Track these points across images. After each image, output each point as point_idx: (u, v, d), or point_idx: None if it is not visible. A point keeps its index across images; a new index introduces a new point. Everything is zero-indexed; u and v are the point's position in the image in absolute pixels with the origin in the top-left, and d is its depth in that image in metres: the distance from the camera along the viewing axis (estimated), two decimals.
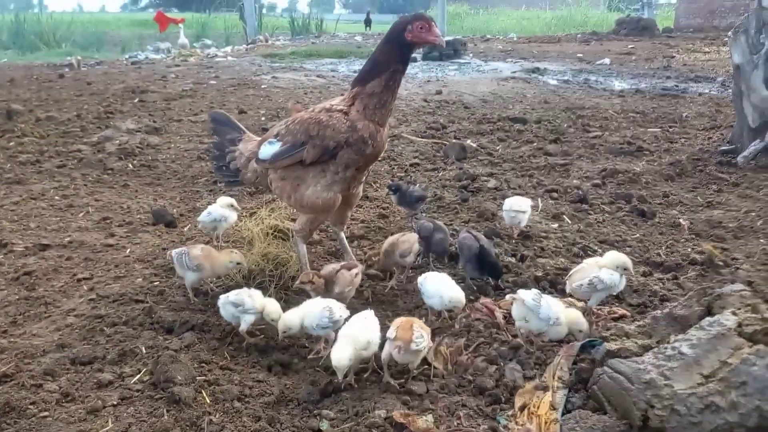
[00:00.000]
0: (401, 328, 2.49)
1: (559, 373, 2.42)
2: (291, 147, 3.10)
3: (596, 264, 2.91)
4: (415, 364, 2.54)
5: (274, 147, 3.17)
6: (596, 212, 4.58)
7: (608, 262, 2.89)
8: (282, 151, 3.13)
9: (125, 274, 3.50)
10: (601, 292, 2.86)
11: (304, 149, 3.05)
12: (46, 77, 12.02)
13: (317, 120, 3.04)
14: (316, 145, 3.02)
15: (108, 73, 12.47)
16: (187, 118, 8.02)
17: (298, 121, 3.13)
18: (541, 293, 2.69)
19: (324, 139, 3.01)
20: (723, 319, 2.13)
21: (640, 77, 12.02)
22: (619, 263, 2.86)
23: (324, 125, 3.01)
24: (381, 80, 2.99)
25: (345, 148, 3.02)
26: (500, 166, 5.91)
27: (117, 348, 2.71)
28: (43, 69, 13.94)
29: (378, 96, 3.01)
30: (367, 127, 3.02)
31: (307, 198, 3.13)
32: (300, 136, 3.07)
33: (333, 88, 10.32)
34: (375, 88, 2.99)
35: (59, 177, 5.50)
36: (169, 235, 4.14)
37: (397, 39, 2.98)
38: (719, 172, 5.47)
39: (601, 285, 2.82)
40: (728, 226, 4.27)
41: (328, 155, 3.05)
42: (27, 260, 3.71)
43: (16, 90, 10.54)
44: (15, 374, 2.55)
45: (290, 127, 3.14)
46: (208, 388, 2.45)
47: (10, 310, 3.12)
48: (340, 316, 2.67)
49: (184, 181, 5.51)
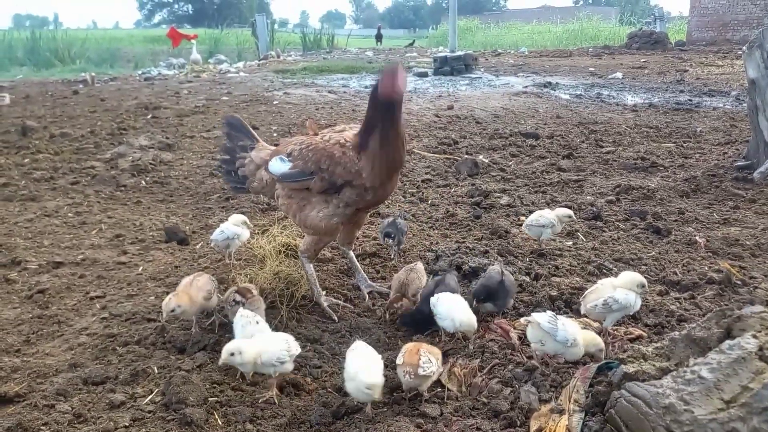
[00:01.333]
0: (408, 354, 2.47)
1: (575, 396, 2.38)
2: (300, 173, 3.10)
3: (611, 284, 2.87)
4: (424, 388, 2.50)
5: (284, 166, 3.17)
6: (611, 229, 4.53)
7: (623, 282, 2.85)
8: (291, 174, 3.14)
9: (138, 293, 3.50)
10: (617, 313, 2.83)
11: (312, 179, 3.06)
12: (61, 93, 12.19)
13: (330, 154, 3.02)
14: (324, 178, 3.03)
15: (121, 89, 12.61)
16: (199, 134, 8.07)
17: (311, 148, 3.10)
18: (556, 315, 2.65)
19: (333, 175, 3.02)
20: (743, 342, 2.08)
21: (652, 91, 11.97)
22: (634, 283, 2.82)
23: (335, 162, 3.00)
24: (377, 140, 2.94)
25: (349, 188, 3.03)
26: (513, 182, 5.88)
27: (129, 368, 2.70)
28: (57, 85, 14.15)
29: (380, 155, 2.96)
30: (370, 179, 3.00)
31: (311, 220, 3.14)
32: (310, 165, 3.06)
33: (344, 103, 10.36)
34: (375, 149, 2.96)
35: (73, 194, 5.55)
36: (181, 253, 4.15)
37: (373, 99, 2.96)
38: (735, 188, 5.41)
39: (616, 305, 2.78)
40: (745, 244, 4.20)
41: (333, 190, 3.06)
42: (40, 278, 3.73)
43: (31, 106, 10.69)
44: (27, 394, 2.54)
45: (303, 152, 3.12)
46: (220, 410, 2.43)
47: (24, 328, 3.13)
48: (296, 350, 2.59)
49: (196, 198, 5.53)
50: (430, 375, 2.45)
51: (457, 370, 2.70)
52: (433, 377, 2.49)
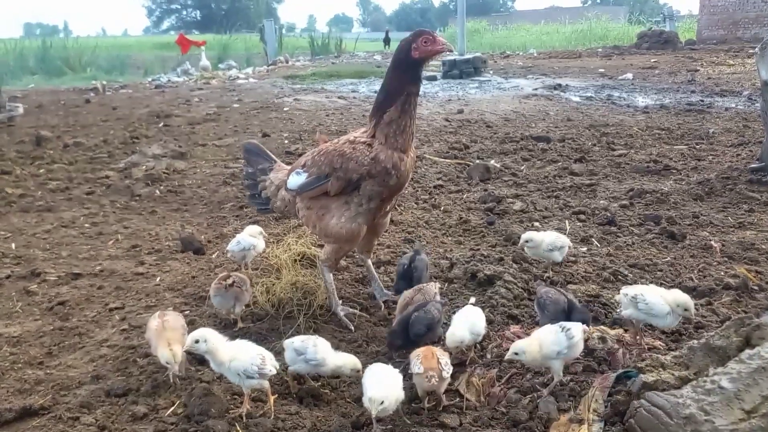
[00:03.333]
0: (425, 359, 2.49)
1: (594, 405, 2.38)
2: (316, 179, 3.13)
3: (657, 291, 2.84)
4: (443, 390, 2.52)
5: (300, 178, 3.22)
6: (625, 234, 4.52)
7: (669, 295, 2.79)
8: (308, 183, 3.17)
9: (156, 303, 3.54)
10: (641, 313, 2.78)
11: (328, 181, 3.08)
12: (73, 102, 12.33)
13: (340, 152, 3.06)
14: (340, 177, 3.05)
15: (132, 97, 12.73)
16: (211, 142, 8.14)
17: (323, 153, 3.16)
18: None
19: (347, 171, 3.03)
20: (763, 351, 2.08)
21: (664, 92, 11.93)
22: (677, 301, 2.75)
23: (347, 158, 3.03)
24: (397, 106, 3.00)
25: (368, 179, 3.03)
26: (525, 186, 5.88)
27: (150, 379, 2.74)
28: (69, 94, 14.30)
29: (396, 123, 3.01)
30: (390, 158, 3.02)
31: (332, 228, 3.15)
32: (324, 168, 3.10)
33: (354, 109, 10.40)
34: (393, 116, 3.01)
35: (88, 204, 5.61)
36: (197, 263, 4.18)
37: (406, 60, 3.00)
38: (750, 191, 5.38)
39: (643, 305, 2.75)
40: (761, 248, 4.18)
41: (352, 187, 3.06)
42: (60, 289, 3.78)
43: (44, 116, 10.82)
44: (52, 407, 2.58)
45: (315, 159, 3.17)
46: (242, 422, 2.45)
47: (46, 340, 3.17)
48: (270, 370, 2.48)
49: (210, 207, 5.57)
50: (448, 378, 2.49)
51: (476, 379, 2.71)
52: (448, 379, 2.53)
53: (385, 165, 3.00)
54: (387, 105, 3.03)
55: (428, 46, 2.96)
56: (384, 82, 3.14)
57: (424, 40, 2.95)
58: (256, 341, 2.84)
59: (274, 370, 2.51)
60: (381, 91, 3.13)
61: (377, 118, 3.07)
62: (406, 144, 3.07)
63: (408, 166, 3.12)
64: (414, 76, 3.03)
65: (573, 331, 2.55)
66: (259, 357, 2.48)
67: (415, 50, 2.97)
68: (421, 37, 2.96)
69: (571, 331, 2.55)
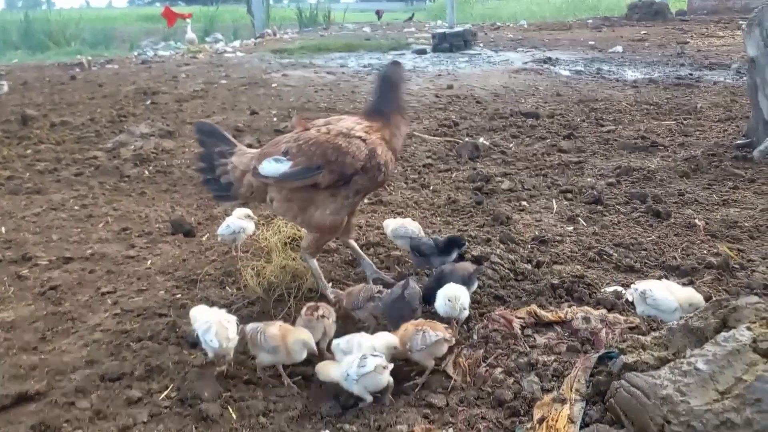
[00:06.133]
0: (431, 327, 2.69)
1: (576, 386, 2.46)
2: (304, 170, 3.04)
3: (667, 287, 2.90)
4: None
5: (282, 166, 3.08)
6: (611, 213, 4.59)
7: (681, 292, 2.87)
8: (294, 173, 3.06)
9: (148, 287, 3.58)
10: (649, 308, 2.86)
11: (319, 173, 3.02)
12: (58, 79, 12.13)
13: (336, 145, 3.02)
14: (334, 170, 3.01)
15: (119, 73, 12.55)
16: (199, 120, 8.07)
17: (312, 143, 3.07)
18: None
19: (343, 165, 3.00)
20: (738, 334, 2.15)
21: (653, 65, 11.91)
22: (689, 300, 2.83)
23: (344, 152, 3.00)
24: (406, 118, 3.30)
25: (360, 174, 3.05)
26: (514, 164, 5.92)
27: (144, 363, 2.79)
28: (54, 70, 14.05)
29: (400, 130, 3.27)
30: (386, 154, 3.10)
31: (315, 220, 3.15)
32: (316, 159, 3.02)
33: (343, 84, 10.33)
34: (400, 124, 3.27)
35: (77, 185, 5.60)
36: (188, 245, 4.22)
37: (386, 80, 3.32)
38: (735, 168, 5.44)
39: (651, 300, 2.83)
40: (744, 226, 4.26)
41: (343, 181, 3.06)
42: (52, 274, 3.80)
43: (29, 93, 10.66)
44: (48, 392, 2.64)
45: (303, 148, 3.06)
46: (234, 404, 2.52)
47: (39, 325, 3.21)
48: (229, 339, 2.62)
49: (199, 188, 5.56)
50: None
51: (462, 360, 2.78)
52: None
53: (379, 161, 3.06)
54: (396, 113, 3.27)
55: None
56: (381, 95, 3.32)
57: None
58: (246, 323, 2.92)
59: (232, 338, 2.65)
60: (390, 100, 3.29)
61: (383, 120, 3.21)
62: (400, 145, 3.26)
63: (394, 167, 3.27)
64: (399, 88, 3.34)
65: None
66: (225, 322, 2.67)
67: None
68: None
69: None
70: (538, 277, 3.49)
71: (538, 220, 4.44)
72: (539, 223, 4.37)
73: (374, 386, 2.51)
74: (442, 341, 2.67)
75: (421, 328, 2.70)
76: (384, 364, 2.50)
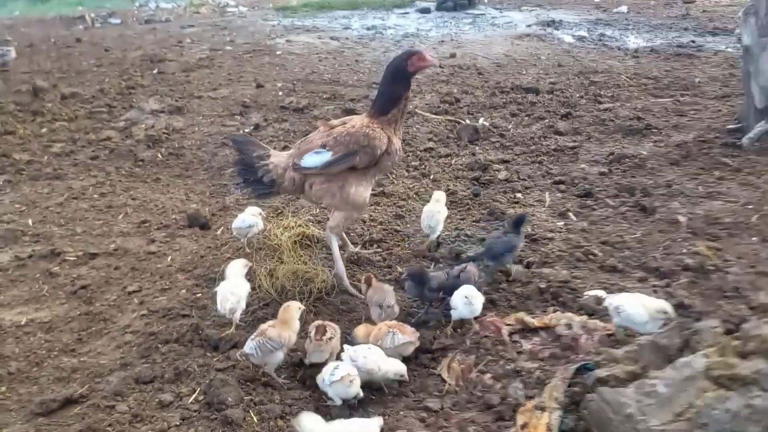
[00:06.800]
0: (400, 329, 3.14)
1: (555, 394, 2.80)
2: (344, 156, 3.65)
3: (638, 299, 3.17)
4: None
5: (324, 156, 3.68)
6: (600, 207, 4.85)
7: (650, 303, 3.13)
8: (337, 159, 3.67)
9: (170, 286, 3.90)
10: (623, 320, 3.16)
11: (356, 157, 3.64)
12: (64, 41, 12.17)
13: (365, 134, 3.65)
14: (368, 152, 3.64)
15: (123, 35, 12.55)
16: (206, 93, 8.24)
17: (346, 135, 3.68)
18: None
19: (374, 148, 3.64)
20: (694, 361, 2.47)
21: (657, 30, 11.88)
22: (657, 308, 3.09)
23: (372, 137, 3.64)
24: (399, 108, 3.77)
25: (385, 155, 3.69)
26: (511, 149, 6.14)
27: (172, 366, 3.14)
28: (58, 28, 14.03)
29: (398, 120, 3.80)
30: (397, 143, 3.77)
31: (352, 196, 3.73)
32: (352, 146, 3.64)
33: (347, 52, 10.39)
34: (396, 115, 3.78)
35: (95, 171, 5.85)
36: (204, 240, 4.52)
37: (403, 74, 3.73)
38: (723, 156, 5.65)
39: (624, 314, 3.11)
40: (724, 222, 4.52)
41: (374, 161, 3.68)
42: (80, 270, 4.12)
43: (36, 58, 10.76)
44: (89, 394, 2.99)
45: (339, 140, 3.68)
46: (255, 408, 2.87)
47: (74, 326, 3.55)
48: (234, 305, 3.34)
49: (211, 173, 5.84)
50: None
51: (456, 365, 3.12)
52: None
53: (395, 146, 3.74)
54: (389, 108, 3.74)
55: (420, 63, 3.72)
56: (383, 89, 3.83)
57: (418, 58, 3.70)
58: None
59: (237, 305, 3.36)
60: (382, 97, 3.80)
61: (380, 116, 3.74)
62: (400, 133, 3.81)
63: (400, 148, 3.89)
64: (408, 84, 3.79)
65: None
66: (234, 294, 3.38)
67: (410, 65, 3.69)
68: (415, 55, 3.71)
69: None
70: (528, 279, 3.79)
71: (531, 215, 4.71)
72: (532, 219, 4.64)
73: (344, 393, 2.85)
74: (408, 344, 3.07)
75: (392, 329, 3.08)
76: (352, 376, 2.82)
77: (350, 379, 2.83)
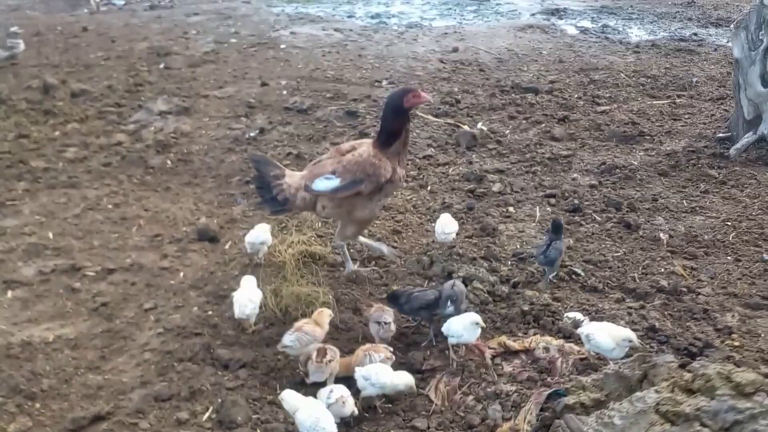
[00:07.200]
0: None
1: (529, 417, 3.13)
2: (351, 183, 4.05)
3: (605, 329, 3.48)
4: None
5: (333, 182, 4.09)
6: (588, 222, 5.13)
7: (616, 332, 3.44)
8: (344, 186, 4.07)
9: (183, 304, 4.23)
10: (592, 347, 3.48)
11: (362, 184, 4.04)
12: (70, 30, 12.32)
13: (372, 163, 4.06)
14: (372, 181, 4.05)
15: (129, 24, 12.67)
16: (212, 93, 8.45)
17: (354, 162, 4.08)
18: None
19: (378, 177, 4.05)
20: (646, 396, 2.78)
21: (660, 21, 11.94)
22: (621, 337, 3.40)
23: (377, 167, 4.05)
24: (399, 142, 4.19)
25: (389, 183, 4.12)
26: (507, 157, 6.39)
27: (187, 385, 3.49)
28: (64, 14, 14.15)
29: (401, 152, 4.23)
30: (400, 173, 4.23)
31: (360, 217, 4.23)
32: (358, 174, 4.05)
33: (350, 45, 10.52)
34: (398, 148, 4.20)
35: (107, 179, 6.14)
36: (213, 255, 4.83)
37: (400, 109, 4.14)
38: (710, 168, 5.90)
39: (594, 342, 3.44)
40: (703, 239, 4.81)
41: (379, 188, 4.09)
42: (99, 286, 4.45)
43: (44, 49, 10.93)
44: (114, 411, 3.34)
45: (348, 168, 4.07)
46: (261, 426, 3.23)
47: (97, 343, 3.90)
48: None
49: (218, 181, 6.12)
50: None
51: (442, 386, 3.46)
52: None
53: (399, 176, 4.20)
54: (393, 140, 4.16)
55: (415, 100, 4.15)
56: (384, 124, 4.27)
57: (413, 95, 4.13)
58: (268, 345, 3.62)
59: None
60: (384, 131, 4.23)
61: (384, 147, 4.14)
62: (405, 163, 4.35)
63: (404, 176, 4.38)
64: (406, 118, 4.24)
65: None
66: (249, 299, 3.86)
67: (406, 101, 4.10)
68: (411, 92, 4.14)
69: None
70: (512, 300, 4.10)
71: (521, 230, 5.00)
72: (521, 235, 4.93)
73: (339, 413, 3.18)
74: (385, 360, 3.41)
75: (367, 351, 3.43)
76: (345, 398, 3.17)
77: (343, 401, 3.17)
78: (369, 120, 7.32)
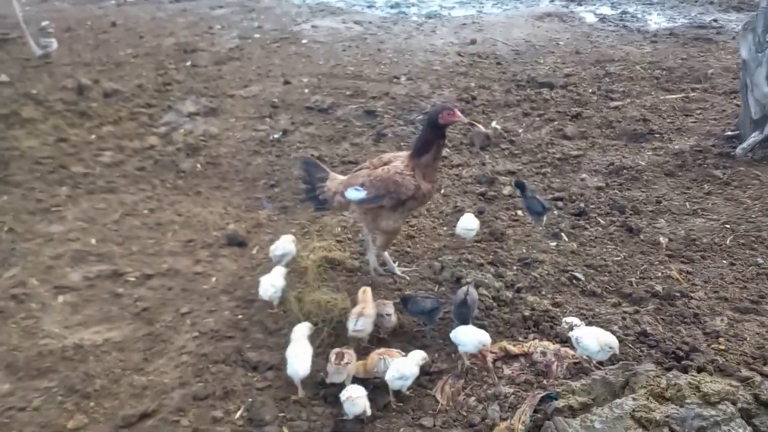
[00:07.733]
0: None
1: (523, 418, 3.50)
2: (375, 197, 4.42)
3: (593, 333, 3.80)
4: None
5: (360, 194, 4.47)
6: (592, 226, 5.40)
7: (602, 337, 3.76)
8: (368, 199, 4.46)
9: (216, 308, 4.66)
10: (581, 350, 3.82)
11: (384, 199, 4.41)
12: (99, 25, 12.76)
13: (394, 180, 4.37)
14: (393, 197, 4.39)
15: (156, 18, 13.05)
16: (238, 92, 8.81)
17: (379, 178, 4.42)
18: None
19: (399, 194, 4.37)
20: (624, 403, 3.13)
21: (681, 6, 11.89)
22: (606, 342, 3.73)
23: (399, 184, 4.36)
24: (430, 154, 4.43)
25: (411, 199, 4.43)
26: (519, 158, 6.66)
27: (221, 385, 3.93)
28: (90, 5, 14.53)
29: (431, 165, 4.47)
30: (426, 187, 4.45)
31: (384, 227, 4.58)
32: (381, 190, 4.40)
33: (369, 39, 10.76)
34: (428, 160, 4.44)
35: (142, 183, 6.59)
36: (242, 259, 5.25)
37: (435, 124, 4.36)
38: (715, 168, 6.10)
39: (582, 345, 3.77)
40: (701, 243, 5.06)
41: (400, 204, 4.43)
42: (140, 291, 4.91)
43: (76, 46, 11.39)
44: (158, 409, 3.80)
45: (373, 182, 4.43)
46: (287, 423, 3.65)
47: (140, 346, 4.36)
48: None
49: (246, 184, 6.53)
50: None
51: (448, 387, 3.84)
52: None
53: (423, 192, 4.44)
54: (424, 151, 4.42)
55: (449, 117, 4.34)
56: (421, 134, 4.56)
57: (448, 113, 4.32)
58: None
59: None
60: (419, 140, 4.50)
61: (416, 159, 4.43)
62: (433, 177, 4.53)
63: (433, 190, 4.60)
64: (441, 133, 4.43)
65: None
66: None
67: (441, 118, 4.33)
68: (446, 110, 4.33)
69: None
70: (515, 305, 4.44)
71: (527, 234, 5.30)
72: (528, 239, 5.24)
73: (351, 410, 3.59)
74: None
75: (381, 355, 3.80)
76: (357, 395, 3.57)
77: (353, 400, 3.58)
78: (387, 119, 7.64)
